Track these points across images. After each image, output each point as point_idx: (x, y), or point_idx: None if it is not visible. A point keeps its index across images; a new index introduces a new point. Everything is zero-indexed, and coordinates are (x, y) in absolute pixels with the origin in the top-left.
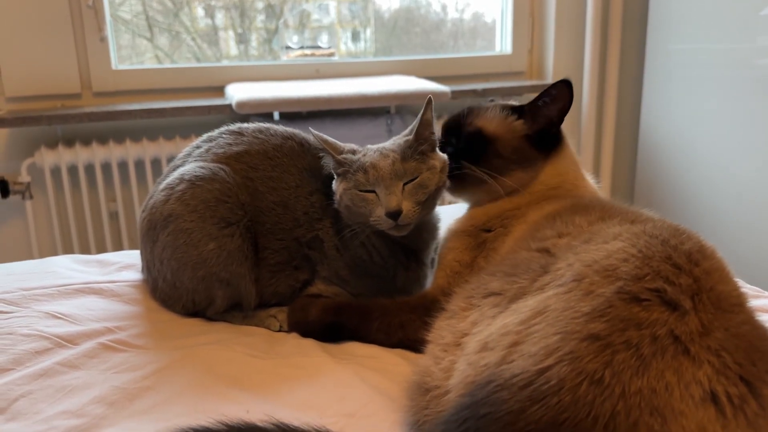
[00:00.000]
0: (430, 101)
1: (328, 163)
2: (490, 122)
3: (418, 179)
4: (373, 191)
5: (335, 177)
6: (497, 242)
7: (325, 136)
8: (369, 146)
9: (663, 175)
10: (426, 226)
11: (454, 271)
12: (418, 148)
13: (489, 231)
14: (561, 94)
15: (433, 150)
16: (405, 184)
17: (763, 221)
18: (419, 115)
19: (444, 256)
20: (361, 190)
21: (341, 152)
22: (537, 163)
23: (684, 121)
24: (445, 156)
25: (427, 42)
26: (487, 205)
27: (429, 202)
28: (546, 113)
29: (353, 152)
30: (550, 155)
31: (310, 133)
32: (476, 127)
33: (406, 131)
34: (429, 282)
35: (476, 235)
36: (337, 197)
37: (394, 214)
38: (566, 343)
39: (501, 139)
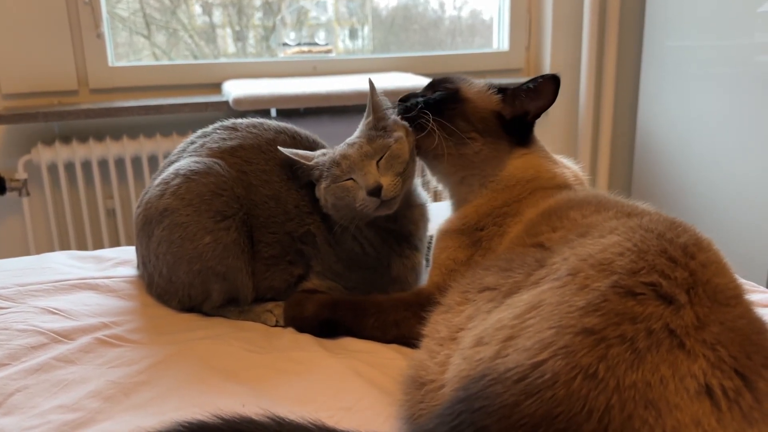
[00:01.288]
0: (371, 84)
1: (303, 175)
2: (470, 88)
3: (387, 152)
4: (351, 179)
5: (315, 185)
6: (493, 241)
7: (295, 151)
8: (339, 144)
9: (660, 172)
10: (412, 206)
11: (449, 268)
12: (379, 125)
13: (482, 230)
14: (545, 89)
15: (395, 122)
16: (378, 162)
17: (759, 216)
18: (368, 100)
19: (438, 256)
20: (339, 182)
21: (311, 159)
22: (500, 146)
23: (681, 118)
24: (405, 123)
25: (424, 39)
26: (475, 202)
27: (408, 171)
28: (525, 103)
29: (324, 155)
30: (516, 148)
31: (280, 152)
32: (455, 87)
33: (364, 118)
34: (425, 270)
35: (470, 234)
36: (322, 201)
37: (375, 191)
38: (561, 337)
39: (472, 103)
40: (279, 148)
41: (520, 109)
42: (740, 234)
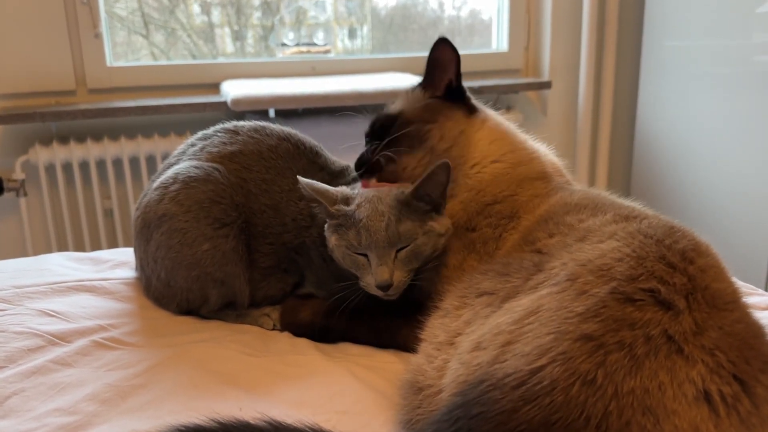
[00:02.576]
0: (448, 167)
1: (321, 211)
2: (393, 104)
3: (411, 246)
4: (365, 254)
5: (327, 221)
6: (488, 245)
7: (318, 185)
8: (361, 191)
9: (659, 172)
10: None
11: (441, 274)
12: (416, 206)
13: (474, 230)
14: (442, 54)
15: (438, 212)
16: (398, 251)
17: (758, 217)
18: (429, 173)
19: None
20: (352, 252)
21: (335, 202)
22: (456, 119)
23: (680, 118)
24: (449, 223)
25: (424, 39)
26: (461, 196)
27: (422, 267)
28: (437, 74)
29: (346, 201)
30: (470, 117)
31: (300, 183)
32: (382, 115)
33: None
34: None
35: (461, 236)
36: (329, 246)
37: (384, 287)
38: (559, 343)
39: (406, 110)
40: (300, 180)
41: (440, 81)
42: (739, 235)
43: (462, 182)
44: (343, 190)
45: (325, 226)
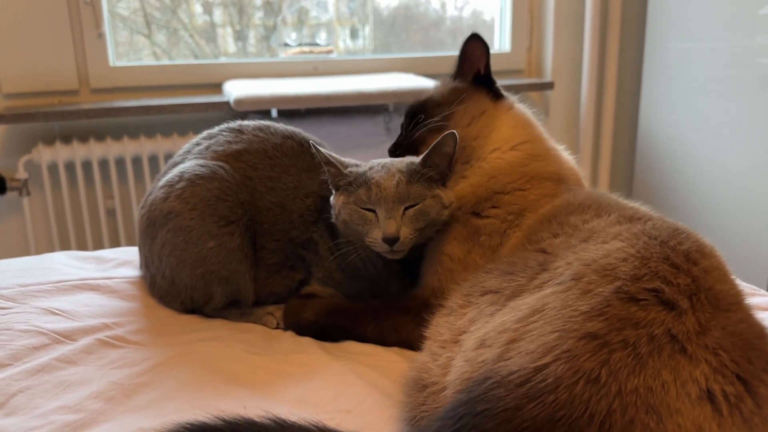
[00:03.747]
0: (454, 137)
1: (329, 177)
2: (426, 93)
3: (419, 205)
4: (373, 210)
5: (334, 192)
6: (493, 239)
7: (329, 152)
8: (374, 160)
9: (661, 173)
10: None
11: (445, 267)
12: (425, 173)
13: (479, 216)
14: (472, 48)
15: (443, 183)
16: (406, 209)
17: (761, 218)
18: (436, 142)
19: (433, 250)
20: (361, 207)
21: (346, 166)
22: (481, 99)
23: (682, 119)
24: (454, 197)
25: (425, 40)
26: (472, 179)
27: (426, 231)
28: (466, 67)
29: (356, 166)
30: (497, 101)
31: (313, 149)
32: (414, 102)
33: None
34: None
35: (466, 222)
36: (335, 211)
37: (391, 240)
38: (564, 341)
39: (435, 95)
40: (315, 146)
41: (468, 71)
42: (741, 236)
43: (476, 165)
44: (351, 160)
45: (331, 198)
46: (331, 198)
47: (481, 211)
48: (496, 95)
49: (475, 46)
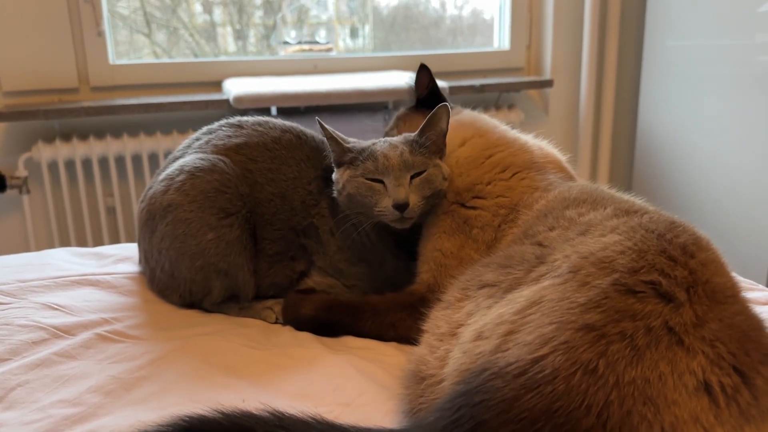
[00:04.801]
0: (447, 110)
1: (332, 153)
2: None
3: (425, 173)
4: (381, 181)
5: (336, 168)
6: (486, 233)
7: (332, 129)
8: (374, 140)
9: (660, 171)
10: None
11: (438, 263)
12: (423, 143)
13: (465, 207)
14: (417, 78)
15: (440, 156)
16: (412, 177)
17: (759, 215)
18: (429, 115)
19: (425, 245)
20: (368, 179)
21: (348, 142)
22: (419, 116)
23: (681, 118)
24: (448, 169)
25: (425, 38)
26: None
27: (431, 199)
28: (416, 93)
29: (357, 142)
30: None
31: (318, 124)
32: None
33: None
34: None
35: (453, 213)
36: (339, 186)
37: (402, 206)
38: (561, 332)
39: (388, 129)
40: (320, 121)
41: (415, 97)
42: (741, 233)
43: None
44: (352, 139)
45: (333, 174)
46: (334, 174)
47: (465, 201)
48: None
49: (420, 74)
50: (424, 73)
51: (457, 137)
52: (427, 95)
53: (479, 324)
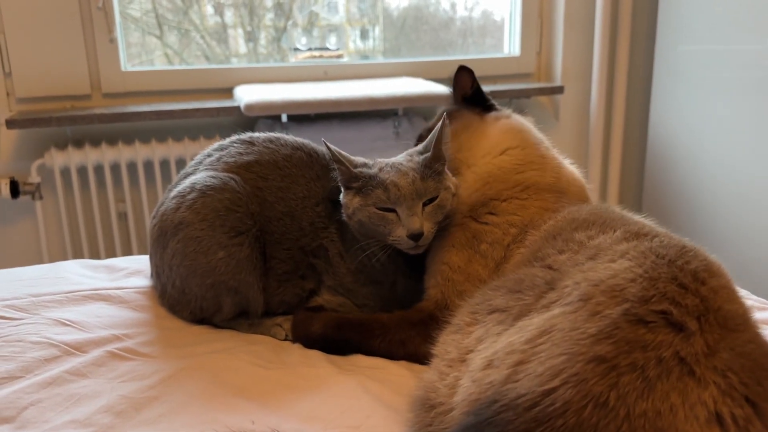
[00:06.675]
0: (444, 118)
1: (339, 176)
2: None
3: (437, 200)
4: (393, 210)
5: (344, 190)
6: (495, 250)
7: (339, 150)
8: (379, 160)
9: (672, 178)
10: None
11: (444, 277)
12: (435, 166)
13: (478, 221)
14: (458, 78)
15: (445, 169)
16: (425, 205)
17: None
18: (434, 131)
19: (433, 257)
20: (380, 208)
21: (356, 166)
22: (464, 114)
23: (693, 123)
24: (454, 180)
25: (435, 40)
26: (464, 185)
27: (443, 222)
28: (458, 92)
29: (366, 166)
30: (487, 114)
31: (324, 145)
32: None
33: (420, 147)
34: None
35: (464, 226)
36: (348, 211)
37: (417, 236)
38: (572, 364)
39: (432, 123)
40: (326, 143)
41: (458, 96)
42: (755, 243)
43: (468, 172)
44: (360, 159)
45: (341, 196)
46: (341, 196)
47: (478, 217)
48: (486, 110)
49: (461, 75)
50: (465, 73)
51: (502, 144)
52: (471, 94)
53: (489, 352)
